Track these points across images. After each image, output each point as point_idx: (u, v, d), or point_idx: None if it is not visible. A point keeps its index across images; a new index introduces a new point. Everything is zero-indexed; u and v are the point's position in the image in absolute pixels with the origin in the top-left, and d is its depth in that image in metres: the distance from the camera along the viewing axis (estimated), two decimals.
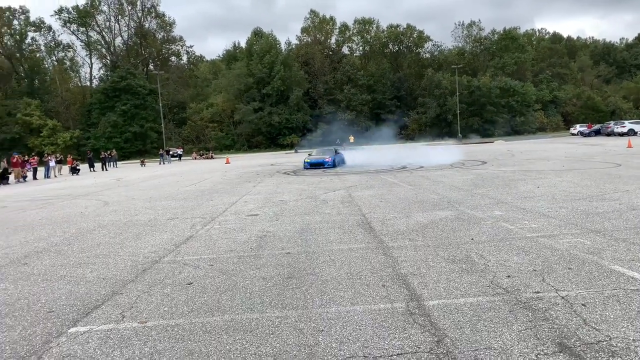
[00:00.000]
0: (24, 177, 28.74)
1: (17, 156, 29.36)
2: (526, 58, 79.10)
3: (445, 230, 7.09)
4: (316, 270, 5.36)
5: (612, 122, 48.86)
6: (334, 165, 23.71)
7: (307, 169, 23.02)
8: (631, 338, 3.37)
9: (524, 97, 72.42)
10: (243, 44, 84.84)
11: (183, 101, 78.11)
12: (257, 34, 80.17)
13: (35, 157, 34.03)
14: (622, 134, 43.90)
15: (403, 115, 72.78)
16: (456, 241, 6.35)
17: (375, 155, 29.34)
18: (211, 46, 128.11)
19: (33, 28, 74.90)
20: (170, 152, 54.15)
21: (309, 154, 25.88)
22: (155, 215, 10.33)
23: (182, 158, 55.93)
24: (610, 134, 45.61)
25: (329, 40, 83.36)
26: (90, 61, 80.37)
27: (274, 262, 5.79)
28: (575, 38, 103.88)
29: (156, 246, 7.09)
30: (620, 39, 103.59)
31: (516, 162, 20.32)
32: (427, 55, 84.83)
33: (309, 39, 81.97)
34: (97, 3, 77.53)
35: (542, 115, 74.36)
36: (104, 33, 79.27)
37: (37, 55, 76.92)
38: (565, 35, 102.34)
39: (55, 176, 31.84)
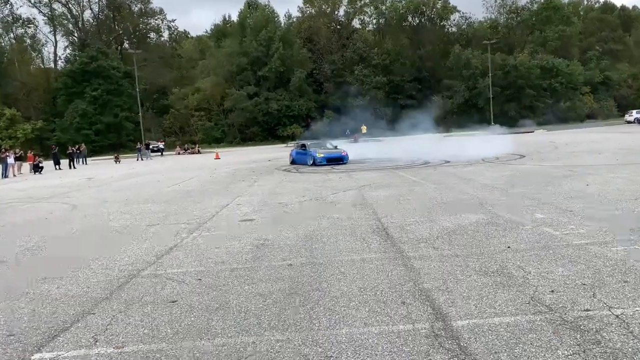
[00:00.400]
0: None
1: None
2: (572, 32, 78.71)
3: (477, 236, 7.08)
4: (323, 285, 5.36)
5: None
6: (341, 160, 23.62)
7: (321, 164, 22.87)
8: None
9: (570, 78, 72.11)
10: (235, 18, 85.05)
11: (164, 86, 78.36)
12: (251, 5, 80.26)
13: None
14: None
15: (424, 100, 72.60)
16: (489, 250, 6.34)
17: (392, 148, 29.33)
18: (197, 20, 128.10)
19: None
20: (151, 147, 54.36)
21: (301, 145, 25.83)
22: (132, 221, 10.37)
23: (164, 153, 56.15)
24: None
25: (336, 12, 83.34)
26: (55, 39, 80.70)
27: (274, 276, 5.80)
28: (630, 7, 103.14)
29: (134, 257, 7.12)
30: None
31: (560, 156, 20.24)
32: (454, 29, 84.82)
33: (313, 11, 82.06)
34: None
35: (591, 100, 74.01)
36: (70, 5, 79.55)
37: None
38: (618, 4, 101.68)
39: (15, 175, 32.03)
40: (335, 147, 25.34)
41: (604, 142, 26.46)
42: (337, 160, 23.51)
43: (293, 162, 25.30)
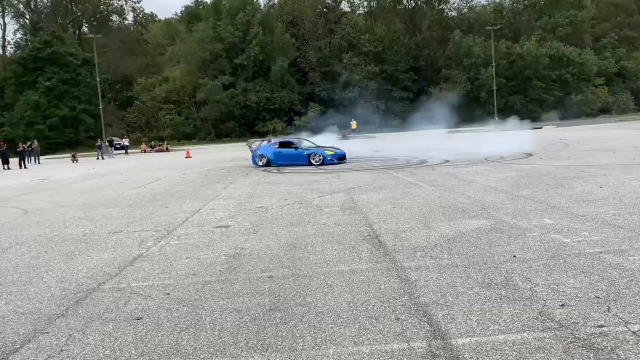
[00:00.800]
0: None
1: None
2: (584, 17, 79.50)
3: (479, 244, 7.12)
4: (308, 300, 5.36)
5: None
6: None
7: (333, 163, 22.72)
8: None
9: (582, 68, 72.84)
10: None
11: (128, 75, 78.01)
12: None
13: None
14: None
15: (421, 92, 72.91)
16: (493, 259, 6.37)
17: (386, 145, 29.40)
18: (165, 2, 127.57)
19: None
20: (114, 144, 53.95)
21: (284, 143, 24.90)
22: (92, 227, 10.29)
23: (128, 151, 55.77)
24: None
25: None
26: (3, 21, 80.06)
27: (252, 289, 5.79)
28: None
29: (94, 269, 7.06)
30: None
31: (571, 154, 20.44)
32: (454, 13, 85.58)
33: None
34: None
35: (606, 93, 74.87)
36: None
37: None
38: None
39: None
40: (317, 146, 25.04)
41: (619, 139, 26.76)
42: (343, 158, 23.59)
43: (267, 163, 23.83)
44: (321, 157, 23.19)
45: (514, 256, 6.45)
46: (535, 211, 9.22)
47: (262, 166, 23.54)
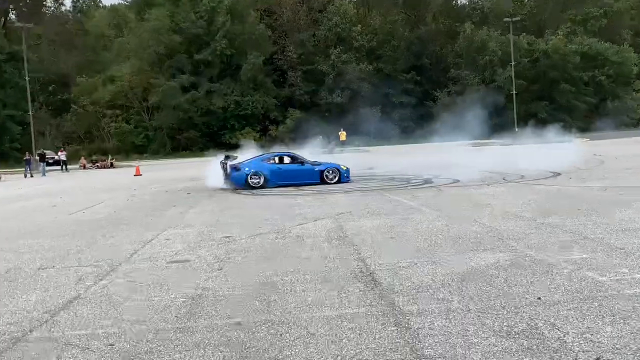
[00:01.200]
0: None
1: None
2: (622, 7, 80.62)
3: (496, 284, 7.12)
4: (285, 353, 5.32)
5: None
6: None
7: (347, 181, 22.63)
8: None
9: (620, 68, 73.74)
10: None
11: (65, 74, 77.82)
12: None
13: None
14: None
15: (425, 96, 73.33)
16: (513, 302, 6.37)
17: (382, 161, 29.48)
18: None
19: None
20: (47, 158, 53.51)
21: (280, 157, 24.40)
22: (17, 262, 10.18)
23: (66, 167, 55.25)
24: None
25: None
26: None
27: (216, 340, 5.74)
28: None
29: (19, 314, 6.97)
30: None
31: (608, 174, 20.61)
32: (465, 1, 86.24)
33: None
34: None
35: None
36: None
37: None
38: None
39: None
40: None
41: None
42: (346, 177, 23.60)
43: (263, 184, 22.52)
44: (338, 174, 22.86)
45: (539, 298, 6.45)
46: (563, 243, 9.25)
47: (254, 188, 22.16)
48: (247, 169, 22.85)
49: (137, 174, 37.85)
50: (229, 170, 22.93)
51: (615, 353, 4.90)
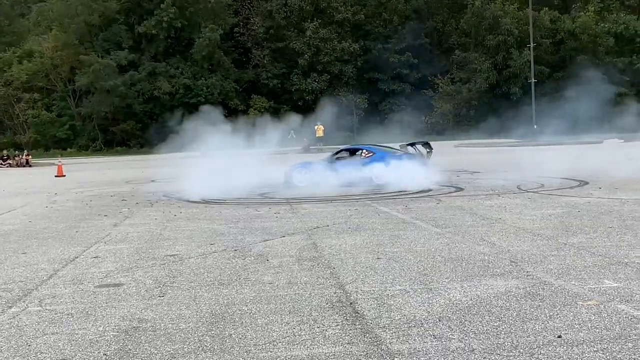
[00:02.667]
0: None
1: None
2: None
3: (506, 318, 7.14)
4: None
5: None
6: None
7: None
8: None
9: None
10: None
11: None
12: None
13: None
14: None
15: (423, 83, 73.52)
16: (527, 341, 6.39)
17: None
18: None
19: None
20: None
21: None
22: None
23: None
24: None
25: None
26: None
27: None
28: None
29: None
30: None
31: None
32: None
33: None
34: None
35: None
36: None
37: None
38: None
39: None
40: None
41: None
42: None
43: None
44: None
45: (559, 336, 6.47)
46: (591, 268, 9.31)
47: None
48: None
49: (60, 175, 37.60)
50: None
51: None
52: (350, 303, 8.01)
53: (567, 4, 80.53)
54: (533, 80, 68.92)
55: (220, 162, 25.09)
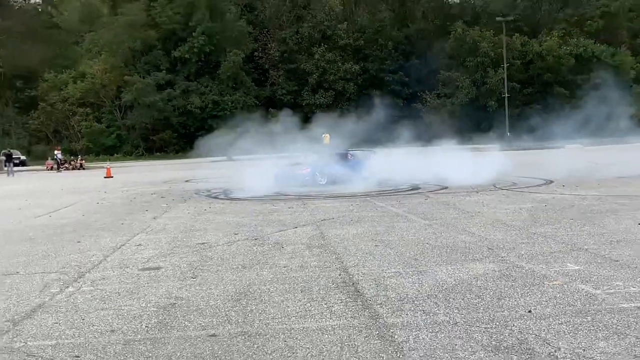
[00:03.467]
0: None
1: None
2: (619, 8, 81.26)
3: (485, 296, 7.14)
4: None
5: None
6: None
7: None
8: None
9: (617, 71, 74.22)
10: None
11: (32, 69, 77.23)
12: None
13: None
14: None
15: (413, 98, 73.51)
16: (502, 315, 6.39)
17: (366, 166, 29.41)
18: None
19: None
20: (12, 158, 53.11)
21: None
22: None
23: (59, 167, 54.61)
24: None
25: None
26: None
27: (189, 352, 5.71)
28: None
29: None
30: None
31: (603, 182, 20.72)
32: None
33: None
34: None
35: None
36: None
37: None
38: None
39: None
40: None
41: None
42: None
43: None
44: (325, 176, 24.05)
45: (529, 311, 6.47)
46: (556, 253, 9.30)
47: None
48: (311, 169, 24.74)
49: (108, 176, 37.67)
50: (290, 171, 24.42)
51: None
52: (353, 283, 8.00)
53: (535, 30, 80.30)
54: (506, 94, 68.89)
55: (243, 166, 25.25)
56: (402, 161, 27.10)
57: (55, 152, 57.61)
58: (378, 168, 24.64)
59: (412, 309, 6.76)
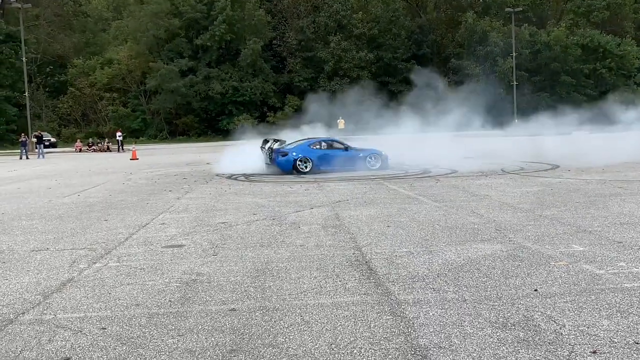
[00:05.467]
0: None
1: None
2: (625, 0, 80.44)
3: (492, 275, 7.13)
4: (279, 340, 5.31)
5: None
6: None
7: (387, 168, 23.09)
8: None
9: (621, 62, 73.70)
10: None
11: (62, 55, 77.57)
12: None
13: None
14: None
15: (425, 86, 73.17)
16: (509, 293, 6.37)
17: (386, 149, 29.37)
18: None
19: None
20: (43, 140, 53.35)
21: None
22: (10, 243, 10.15)
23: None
24: None
25: None
26: None
27: (209, 325, 5.73)
28: None
29: (10, 296, 6.95)
30: None
31: (608, 167, 20.61)
32: None
33: None
34: None
35: None
36: None
37: None
38: None
39: None
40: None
41: None
42: None
43: (310, 169, 22.94)
44: (380, 160, 23.43)
45: (536, 290, 6.46)
46: (562, 235, 9.27)
47: (303, 173, 22.44)
48: (294, 153, 23.06)
49: (134, 158, 37.81)
50: (274, 155, 23.18)
51: (611, 347, 4.90)
52: (366, 262, 8.01)
53: (543, 20, 79.76)
54: (515, 83, 68.50)
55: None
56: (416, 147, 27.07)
57: (118, 134, 57.83)
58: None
59: (423, 286, 6.76)
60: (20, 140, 48.98)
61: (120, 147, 55.18)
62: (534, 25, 77.04)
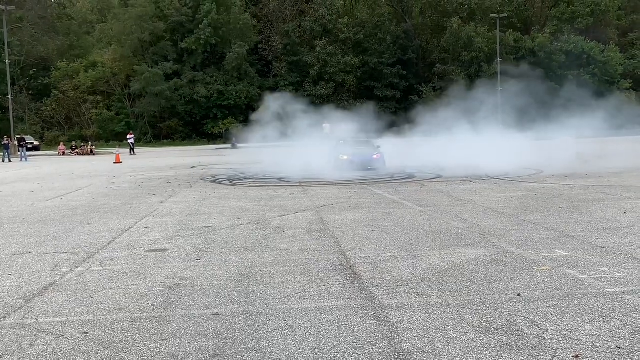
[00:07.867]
0: None
1: None
2: (609, 6, 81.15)
3: (476, 279, 7.15)
4: (262, 344, 5.31)
5: None
6: None
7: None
8: None
9: (605, 67, 74.24)
10: None
11: (46, 58, 77.20)
12: None
13: None
14: None
15: (410, 90, 73.52)
16: (493, 298, 6.40)
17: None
18: None
19: None
20: (26, 143, 52.99)
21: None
22: None
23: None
24: None
25: None
26: None
27: (192, 330, 5.72)
28: None
29: None
30: None
31: (591, 173, 20.74)
32: None
33: None
34: None
35: (633, 98, 76.31)
36: None
37: None
38: None
39: None
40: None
41: None
42: None
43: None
44: (383, 160, 24.56)
45: (519, 294, 6.49)
46: (545, 240, 9.31)
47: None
48: (353, 156, 24.63)
49: (117, 162, 37.69)
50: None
51: (594, 351, 4.93)
52: (350, 266, 8.02)
53: (527, 26, 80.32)
54: (499, 88, 68.85)
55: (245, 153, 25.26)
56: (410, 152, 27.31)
57: (128, 136, 57.27)
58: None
59: (407, 291, 6.78)
60: (2, 143, 48.66)
61: (132, 150, 54.15)
62: (518, 31, 77.57)
